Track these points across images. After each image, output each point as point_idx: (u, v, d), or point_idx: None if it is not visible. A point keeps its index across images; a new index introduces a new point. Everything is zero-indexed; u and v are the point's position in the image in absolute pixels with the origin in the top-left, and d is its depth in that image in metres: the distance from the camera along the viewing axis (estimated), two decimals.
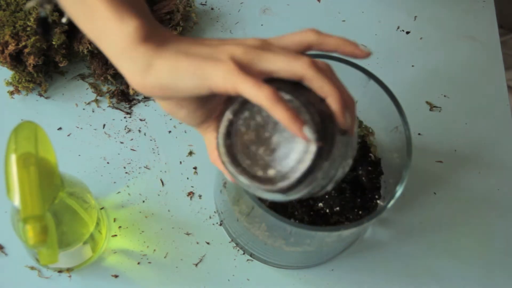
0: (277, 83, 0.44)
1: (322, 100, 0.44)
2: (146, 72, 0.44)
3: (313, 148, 0.43)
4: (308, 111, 0.44)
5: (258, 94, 0.42)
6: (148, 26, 0.45)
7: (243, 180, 0.46)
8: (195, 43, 0.46)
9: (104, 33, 0.45)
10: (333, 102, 0.44)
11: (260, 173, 0.45)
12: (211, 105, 0.48)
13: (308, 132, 0.42)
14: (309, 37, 0.46)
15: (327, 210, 0.62)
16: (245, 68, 0.43)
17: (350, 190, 0.63)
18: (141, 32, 0.44)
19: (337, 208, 0.62)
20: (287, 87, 0.44)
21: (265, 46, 0.46)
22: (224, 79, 0.43)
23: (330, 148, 0.44)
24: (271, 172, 0.45)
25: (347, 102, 0.45)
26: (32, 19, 0.69)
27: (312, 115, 0.44)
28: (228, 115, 0.46)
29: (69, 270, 0.64)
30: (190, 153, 0.72)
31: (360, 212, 0.62)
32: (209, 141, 0.51)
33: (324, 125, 0.44)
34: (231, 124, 0.46)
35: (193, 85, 0.44)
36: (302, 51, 0.46)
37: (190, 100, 0.47)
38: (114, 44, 0.45)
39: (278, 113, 0.42)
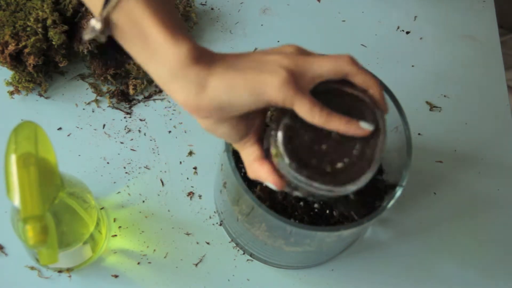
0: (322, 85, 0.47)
1: (364, 92, 0.48)
2: (201, 93, 0.44)
3: (373, 142, 0.48)
4: (362, 102, 0.48)
5: (313, 115, 0.45)
6: (197, 46, 0.45)
7: (308, 181, 0.47)
8: (241, 57, 0.46)
9: (156, 55, 0.44)
10: (376, 92, 0.48)
11: (328, 169, 0.47)
12: (251, 119, 0.49)
13: (366, 125, 0.47)
14: (346, 68, 0.47)
15: (327, 211, 0.62)
16: (298, 78, 0.45)
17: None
18: (194, 53, 0.44)
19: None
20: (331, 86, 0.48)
21: (303, 51, 0.48)
22: (281, 93, 0.44)
23: (384, 131, 0.48)
24: (339, 166, 0.47)
25: (382, 92, 0.49)
26: (32, 19, 0.69)
27: (365, 104, 0.48)
28: (285, 121, 0.48)
29: (69, 270, 0.64)
30: (190, 153, 0.72)
31: (361, 213, 0.62)
32: (249, 155, 0.50)
33: (374, 113, 0.48)
34: (288, 129, 0.48)
35: (250, 100, 0.44)
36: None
37: (235, 115, 0.47)
38: (167, 66, 0.44)
39: (333, 126, 0.46)
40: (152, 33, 0.43)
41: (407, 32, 0.83)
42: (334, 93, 0.48)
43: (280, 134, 0.48)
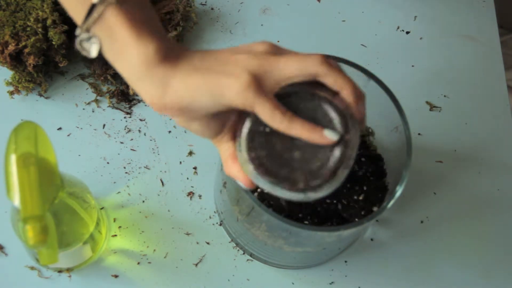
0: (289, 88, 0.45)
1: (334, 95, 0.46)
2: (164, 93, 0.44)
3: (337, 151, 0.45)
4: (330, 106, 0.46)
5: (274, 120, 0.44)
6: (165, 46, 0.45)
7: (268, 182, 0.46)
8: (207, 56, 0.45)
9: (123, 55, 0.44)
10: (348, 94, 0.45)
11: (290, 175, 0.46)
12: (224, 116, 0.48)
13: (330, 134, 0.44)
14: (314, 69, 0.45)
15: (330, 206, 0.62)
16: (261, 80, 0.44)
17: (351, 187, 0.63)
18: (160, 54, 0.44)
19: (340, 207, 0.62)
20: (300, 87, 0.46)
21: (275, 50, 0.46)
22: (241, 96, 0.43)
23: (352, 140, 0.46)
24: (300, 173, 0.46)
25: (359, 95, 0.46)
26: (32, 19, 0.69)
27: (334, 108, 0.46)
28: (247, 124, 0.47)
29: (69, 270, 0.64)
30: (190, 153, 0.72)
31: (362, 213, 0.62)
32: (224, 152, 0.50)
33: (344, 119, 0.46)
34: (251, 133, 0.47)
35: (210, 103, 0.44)
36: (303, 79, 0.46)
37: (199, 116, 0.46)
38: (133, 65, 0.44)
39: (294, 132, 0.44)
40: (120, 32, 0.44)
41: (407, 32, 0.83)
42: (302, 96, 0.46)
43: (243, 136, 0.47)
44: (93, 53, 0.45)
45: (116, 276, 0.65)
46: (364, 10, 0.85)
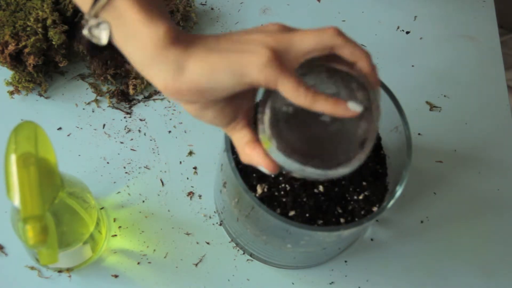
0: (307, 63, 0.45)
1: (351, 67, 0.45)
2: (180, 76, 0.42)
3: (363, 124, 0.45)
4: (350, 79, 0.45)
5: (298, 96, 0.42)
6: (176, 29, 0.43)
7: (299, 165, 0.45)
8: (222, 38, 0.44)
9: (133, 38, 0.43)
10: (365, 64, 0.45)
11: (319, 152, 0.45)
12: (238, 101, 0.46)
13: (354, 105, 0.43)
14: (331, 41, 0.44)
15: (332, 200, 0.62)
16: (282, 56, 0.42)
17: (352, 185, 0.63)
18: (171, 35, 0.42)
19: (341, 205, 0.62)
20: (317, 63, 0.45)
21: (287, 29, 0.45)
22: (264, 73, 0.42)
23: (375, 111, 0.46)
24: (330, 148, 0.45)
25: (373, 64, 0.46)
26: (32, 19, 0.69)
27: (354, 80, 0.45)
28: (270, 103, 0.45)
29: (69, 270, 0.64)
30: (190, 153, 0.72)
31: (362, 213, 0.62)
32: (240, 140, 0.48)
33: (365, 90, 0.45)
34: (275, 111, 0.45)
35: (231, 82, 0.42)
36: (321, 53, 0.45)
37: (217, 99, 0.45)
38: (144, 48, 0.43)
39: (319, 107, 0.43)
40: (129, 16, 0.42)
41: (407, 32, 0.83)
42: (321, 71, 0.45)
43: (266, 118, 0.45)
44: (104, 39, 0.43)
45: (116, 276, 0.65)
46: (364, 10, 0.85)
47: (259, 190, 0.60)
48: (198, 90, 0.43)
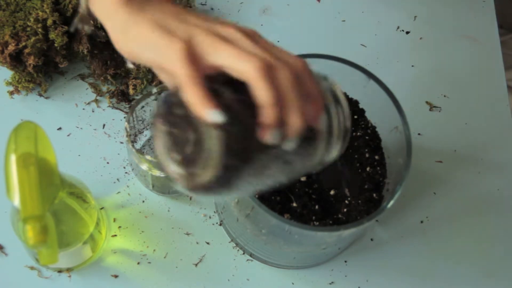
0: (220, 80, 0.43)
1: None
2: (124, 38, 0.45)
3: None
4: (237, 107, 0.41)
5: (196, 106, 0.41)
6: None
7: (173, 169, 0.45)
8: (175, 14, 0.45)
9: None
10: (268, 114, 0.41)
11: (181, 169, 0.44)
12: None
13: (214, 115, 0.40)
14: (248, 75, 0.41)
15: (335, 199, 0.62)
16: (195, 57, 0.42)
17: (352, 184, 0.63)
18: None
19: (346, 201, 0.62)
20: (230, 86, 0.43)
21: (239, 39, 0.43)
22: (175, 62, 0.42)
23: (249, 151, 0.42)
24: (191, 169, 0.44)
25: (312, 118, 0.43)
26: (32, 19, 0.69)
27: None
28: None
29: (69, 270, 0.64)
30: None
31: (362, 213, 0.62)
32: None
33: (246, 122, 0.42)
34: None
35: (152, 59, 0.44)
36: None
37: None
38: (103, 5, 0.46)
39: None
40: None
41: (407, 32, 0.83)
42: (232, 88, 0.42)
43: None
44: (83, 3, 0.49)
45: (116, 276, 0.65)
46: (364, 10, 0.85)
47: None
48: (132, 57, 0.45)
